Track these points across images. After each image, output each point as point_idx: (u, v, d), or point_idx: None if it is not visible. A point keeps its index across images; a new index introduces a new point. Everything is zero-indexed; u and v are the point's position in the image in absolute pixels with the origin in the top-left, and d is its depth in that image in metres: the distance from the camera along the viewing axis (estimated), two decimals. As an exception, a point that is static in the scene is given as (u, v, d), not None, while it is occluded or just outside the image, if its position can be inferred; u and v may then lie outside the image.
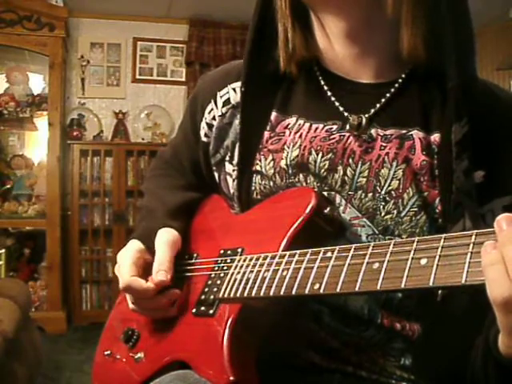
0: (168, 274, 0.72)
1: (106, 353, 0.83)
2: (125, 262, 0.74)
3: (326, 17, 0.69)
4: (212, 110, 0.81)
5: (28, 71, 3.80)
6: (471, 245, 0.43)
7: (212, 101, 0.81)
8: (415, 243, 0.47)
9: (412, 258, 0.46)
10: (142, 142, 3.99)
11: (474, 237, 0.43)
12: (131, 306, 0.75)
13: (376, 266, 0.49)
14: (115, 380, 0.80)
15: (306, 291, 0.54)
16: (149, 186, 0.93)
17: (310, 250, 0.57)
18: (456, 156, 0.62)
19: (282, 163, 0.71)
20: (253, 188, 0.74)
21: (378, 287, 0.47)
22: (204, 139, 0.82)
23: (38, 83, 3.81)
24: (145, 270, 0.75)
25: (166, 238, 0.76)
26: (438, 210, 0.64)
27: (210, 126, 0.81)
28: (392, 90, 0.70)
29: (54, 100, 3.50)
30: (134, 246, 0.78)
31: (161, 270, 0.71)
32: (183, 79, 4.16)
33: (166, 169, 0.94)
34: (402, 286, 0.45)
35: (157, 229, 0.78)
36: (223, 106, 0.79)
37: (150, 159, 3.83)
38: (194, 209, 0.86)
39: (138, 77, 4.10)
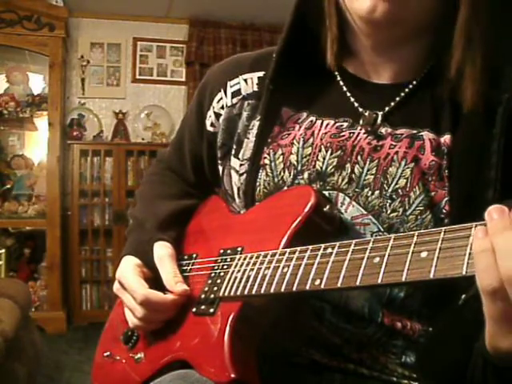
0: (185, 284, 0.73)
1: (105, 354, 0.83)
2: (132, 278, 0.74)
3: (364, 27, 0.67)
4: (221, 99, 0.80)
5: (28, 71, 3.79)
6: (471, 237, 0.43)
7: (222, 90, 0.81)
8: (415, 237, 0.47)
9: (412, 252, 0.46)
10: (142, 142, 3.99)
11: (473, 229, 0.44)
12: (136, 322, 0.74)
13: (377, 260, 0.49)
14: (115, 381, 0.80)
15: (307, 287, 0.54)
16: (142, 193, 0.93)
17: (310, 247, 0.57)
18: (496, 163, 0.63)
19: (292, 158, 0.71)
20: (257, 184, 0.74)
21: (379, 281, 0.47)
22: (210, 129, 0.82)
23: (37, 83, 3.81)
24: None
25: (166, 252, 0.77)
26: (444, 211, 0.64)
27: (217, 115, 0.81)
28: (406, 90, 0.70)
29: (54, 100, 3.50)
30: (132, 262, 0.78)
31: (178, 282, 0.72)
32: (183, 79, 4.16)
33: (163, 175, 0.94)
34: (403, 279, 0.45)
35: (147, 242, 0.79)
36: (233, 97, 0.79)
37: (150, 159, 3.83)
38: (187, 217, 0.86)
39: (137, 77, 4.10)
